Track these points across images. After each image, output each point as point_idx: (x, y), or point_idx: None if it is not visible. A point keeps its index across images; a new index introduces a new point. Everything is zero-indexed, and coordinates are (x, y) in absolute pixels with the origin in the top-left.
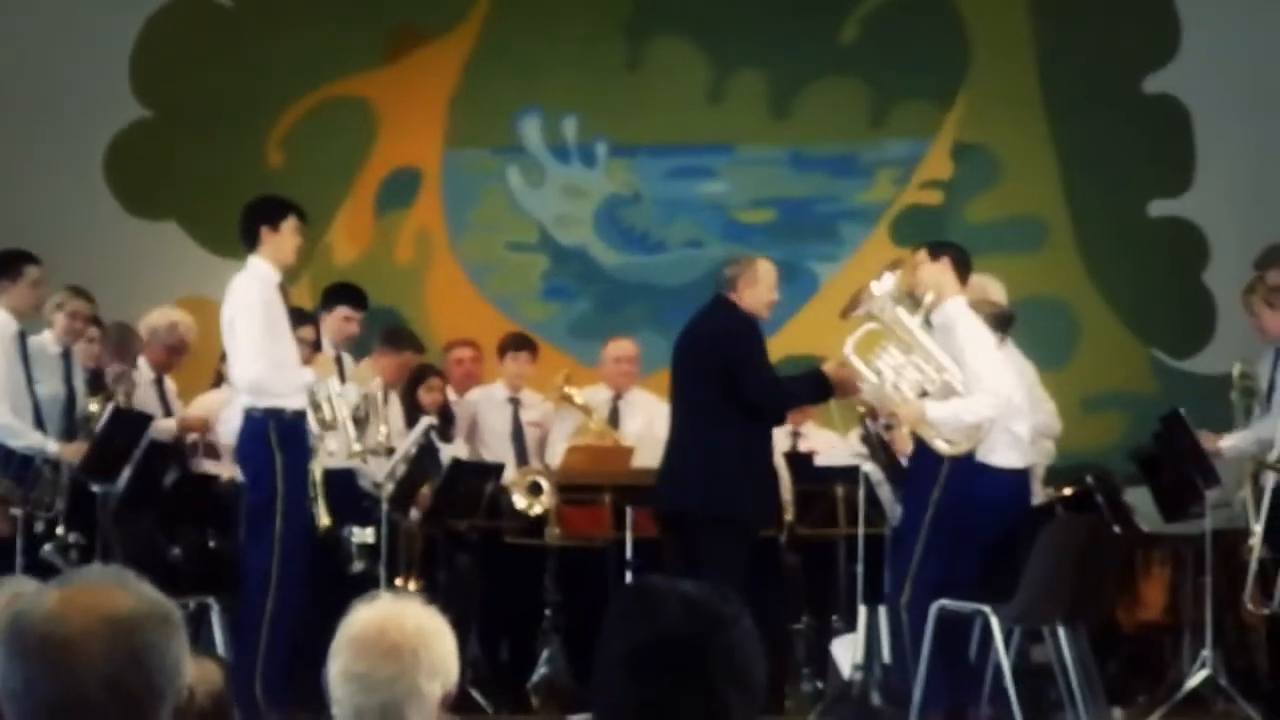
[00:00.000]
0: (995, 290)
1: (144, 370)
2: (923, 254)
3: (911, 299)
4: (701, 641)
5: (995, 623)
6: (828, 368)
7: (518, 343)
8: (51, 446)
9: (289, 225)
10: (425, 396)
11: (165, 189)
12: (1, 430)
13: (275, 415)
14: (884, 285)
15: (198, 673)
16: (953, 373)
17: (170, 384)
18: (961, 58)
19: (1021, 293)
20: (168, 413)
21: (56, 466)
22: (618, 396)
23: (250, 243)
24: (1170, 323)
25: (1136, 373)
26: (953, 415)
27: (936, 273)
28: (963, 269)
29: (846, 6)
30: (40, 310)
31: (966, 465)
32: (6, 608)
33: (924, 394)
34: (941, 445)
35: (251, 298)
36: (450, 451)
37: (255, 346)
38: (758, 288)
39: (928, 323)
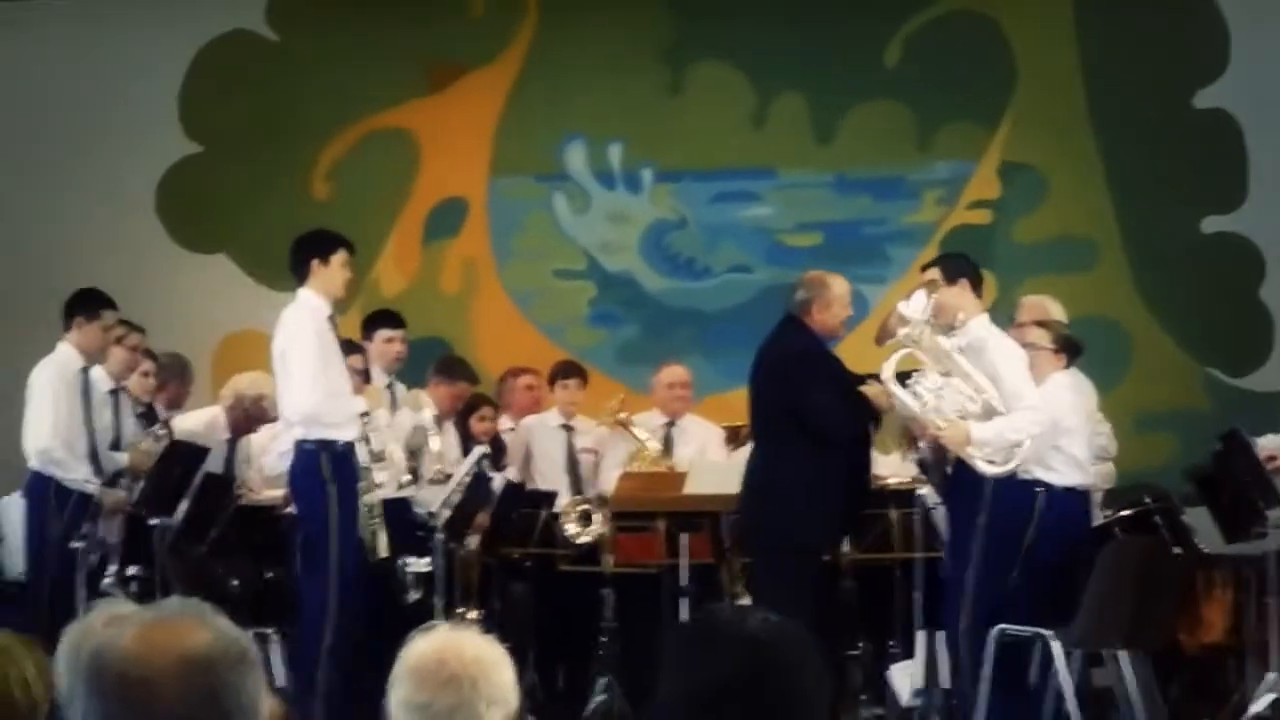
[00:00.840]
0: (1055, 309)
1: (220, 426)
2: (935, 275)
3: (943, 328)
4: (764, 686)
5: (1057, 647)
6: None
7: (567, 370)
8: (91, 487)
9: (338, 258)
10: (477, 425)
11: (215, 222)
12: (52, 464)
13: (327, 446)
14: (914, 306)
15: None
16: (991, 392)
17: (247, 446)
18: (1007, 77)
19: (1073, 313)
20: (229, 473)
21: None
22: (670, 423)
23: (300, 275)
24: (1225, 340)
25: (1190, 391)
26: (998, 435)
27: (955, 295)
28: (978, 285)
29: (889, 28)
30: (103, 353)
31: (1015, 485)
32: (103, 630)
33: (963, 415)
34: (984, 466)
35: (304, 330)
36: (502, 480)
37: (310, 378)
38: (831, 309)
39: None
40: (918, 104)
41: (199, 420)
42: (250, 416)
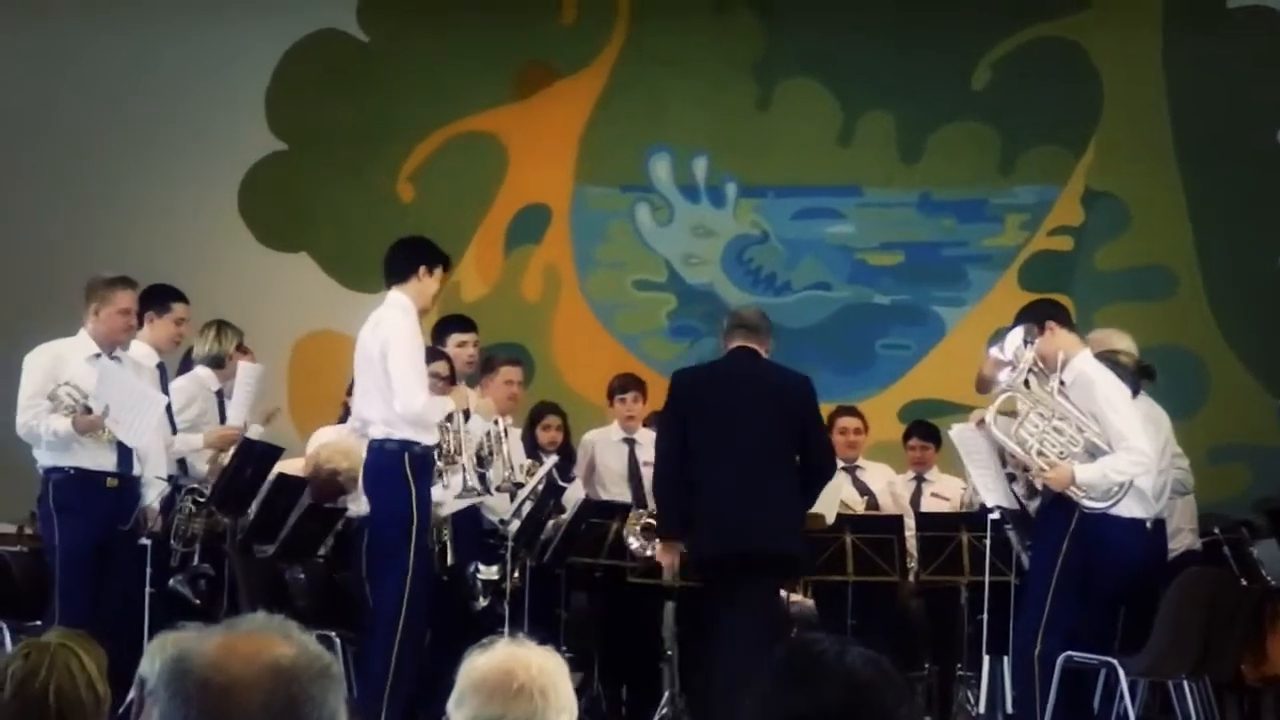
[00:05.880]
0: (1121, 341)
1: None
2: (1035, 333)
3: (1042, 371)
4: None
5: (1123, 675)
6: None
7: (625, 384)
8: (195, 438)
9: (439, 272)
10: (543, 435)
11: (297, 221)
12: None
13: (409, 448)
14: (1006, 351)
15: None
16: (1092, 430)
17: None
18: (1094, 105)
19: (1150, 342)
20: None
21: (199, 501)
22: None
23: (400, 277)
24: None
25: (1264, 424)
26: (1101, 476)
27: (1049, 340)
28: (1068, 321)
29: (978, 51)
30: (177, 346)
31: (1093, 518)
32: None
33: (1064, 456)
34: (1088, 503)
35: (407, 332)
36: (570, 491)
37: (417, 380)
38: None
39: (1061, 382)
40: (1004, 128)
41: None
42: (331, 487)
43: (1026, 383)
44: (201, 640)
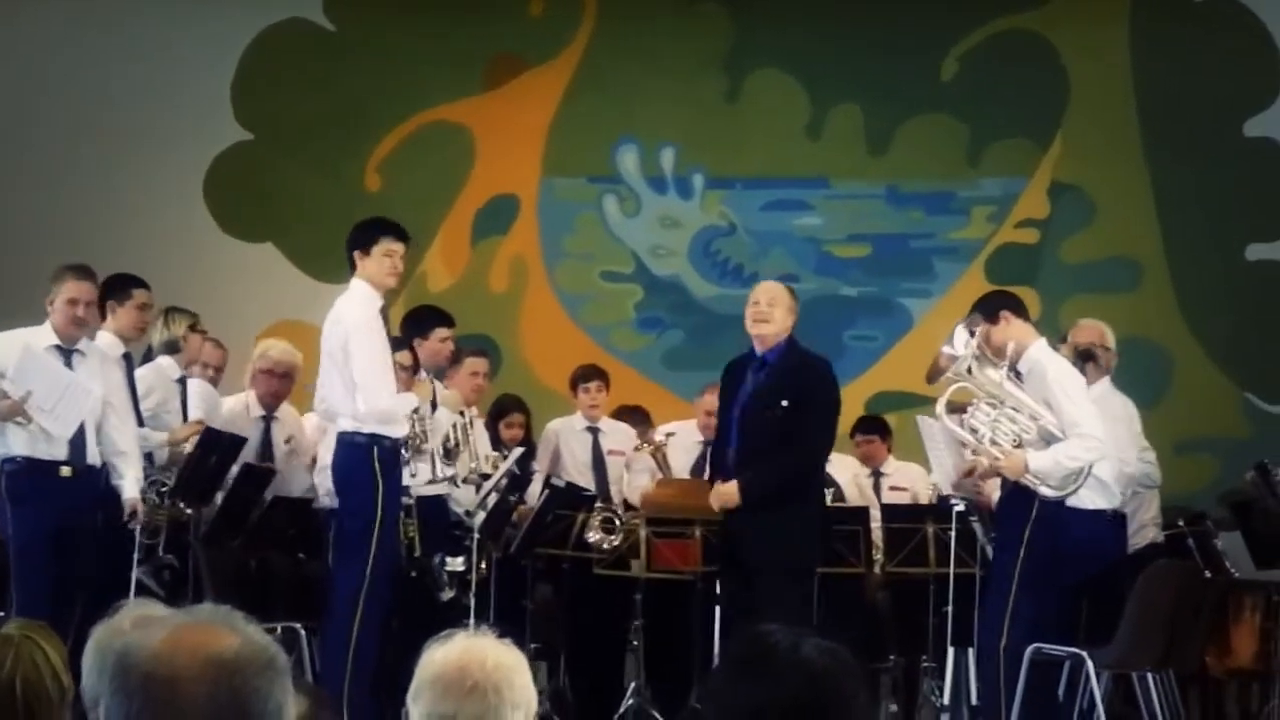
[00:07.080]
0: (1107, 335)
1: (253, 405)
2: (979, 322)
3: (992, 359)
4: (821, 714)
5: (1091, 667)
6: None
7: (586, 375)
8: (159, 436)
9: (379, 248)
10: (506, 432)
11: (263, 211)
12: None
13: (378, 442)
14: (956, 346)
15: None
16: (1047, 418)
17: (288, 425)
18: (1060, 97)
19: (1116, 334)
20: (267, 454)
21: (161, 493)
22: (707, 443)
23: (351, 265)
24: (1264, 366)
25: (1229, 416)
26: (1054, 464)
27: (1001, 331)
28: (1022, 311)
29: (946, 44)
30: (143, 334)
31: (1053, 506)
32: (131, 631)
33: (1018, 444)
34: (1046, 490)
35: (366, 328)
36: (531, 487)
37: (381, 378)
38: None
39: (1015, 372)
40: (971, 120)
41: (229, 405)
42: (272, 374)
43: (970, 370)
44: (145, 634)
